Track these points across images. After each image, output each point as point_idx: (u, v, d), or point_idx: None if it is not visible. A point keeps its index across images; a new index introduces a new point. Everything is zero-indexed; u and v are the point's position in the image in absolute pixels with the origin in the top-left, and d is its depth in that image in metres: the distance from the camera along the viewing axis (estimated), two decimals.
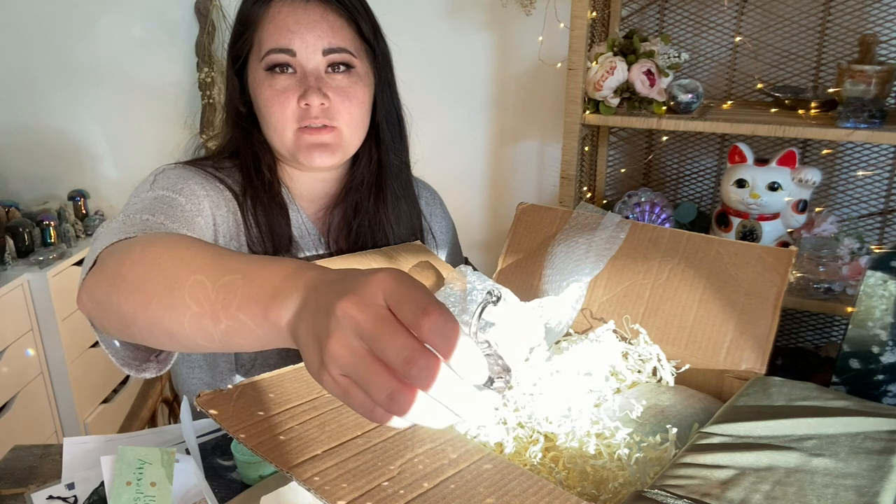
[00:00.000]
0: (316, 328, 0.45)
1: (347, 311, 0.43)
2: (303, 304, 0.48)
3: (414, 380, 0.41)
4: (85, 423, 2.16)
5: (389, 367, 0.42)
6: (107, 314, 0.66)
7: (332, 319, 0.43)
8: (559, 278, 0.89)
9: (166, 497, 0.72)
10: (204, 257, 0.58)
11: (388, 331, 0.42)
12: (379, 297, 0.43)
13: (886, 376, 0.79)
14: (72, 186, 2.33)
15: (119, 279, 0.63)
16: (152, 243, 0.64)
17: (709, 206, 1.92)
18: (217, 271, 0.55)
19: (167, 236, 0.66)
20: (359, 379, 0.43)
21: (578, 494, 0.63)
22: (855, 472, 0.58)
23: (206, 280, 0.55)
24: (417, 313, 0.41)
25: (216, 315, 0.53)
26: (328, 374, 0.44)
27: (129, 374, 0.78)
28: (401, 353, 0.41)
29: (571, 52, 1.57)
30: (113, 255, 0.67)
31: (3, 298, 1.88)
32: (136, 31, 2.20)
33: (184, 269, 0.58)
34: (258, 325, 0.51)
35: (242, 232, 0.97)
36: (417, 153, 1.10)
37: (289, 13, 0.92)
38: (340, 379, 0.44)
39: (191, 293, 0.56)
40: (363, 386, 0.43)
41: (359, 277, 0.45)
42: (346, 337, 0.43)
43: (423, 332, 0.41)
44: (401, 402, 0.42)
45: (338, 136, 0.95)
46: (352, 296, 0.43)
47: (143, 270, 0.61)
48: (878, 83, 1.45)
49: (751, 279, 0.84)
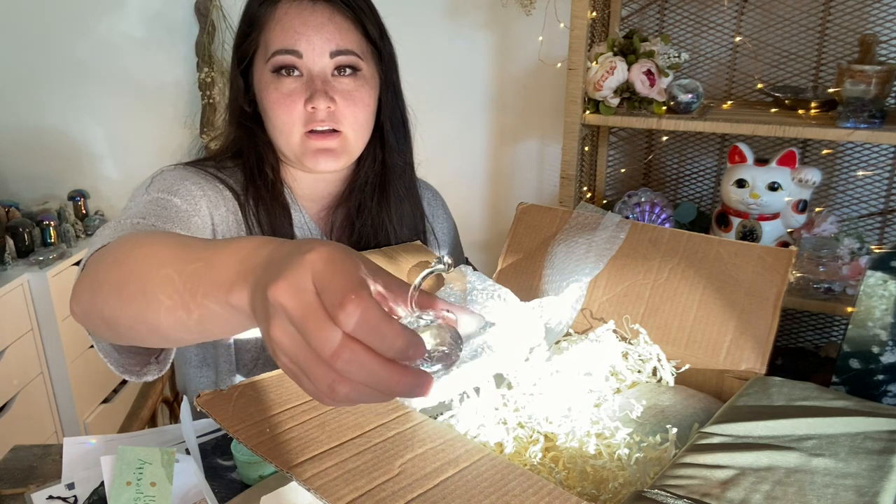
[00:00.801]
0: (263, 312, 0.44)
1: (277, 297, 0.41)
2: (255, 285, 0.46)
3: (343, 373, 0.40)
4: (85, 423, 2.16)
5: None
6: (93, 320, 0.66)
7: (268, 305, 0.42)
8: (559, 278, 0.89)
9: (166, 497, 0.72)
10: (170, 249, 0.57)
11: (313, 321, 0.40)
12: (307, 281, 0.41)
13: (886, 376, 0.79)
14: (72, 186, 2.33)
15: (97, 284, 0.63)
16: (124, 243, 0.64)
17: (709, 206, 1.92)
18: (182, 262, 0.54)
19: (139, 234, 0.65)
20: (300, 368, 0.42)
21: (578, 494, 0.63)
22: (855, 472, 0.58)
23: (173, 272, 0.54)
24: (334, 305, 0.39)
25: (187, 306, 0.53)
26: (279, 359, 0.43)
27: (130, 380, 0.78)
28: (325, 347, 0.39)
29: (571, 52, 1.57)
30: (93, 263, 0.67)
31: (3, 298, 1.88)
32: (136, 31, 2.20)
33: (152, 264, 0.57)
34: (224, 310, 0.50)
35: (243, 231, 0.97)
36: (419, 154, 1.10)
37: (296, 14, 0.92)
38: (290, 365, 0.43)
39: (161, 287, 0.55)
40: (306, 375, 0.42)
41: (292, 257, 0.43)
42: (283, 324, 0.42)
43: (341, 326, 0.39)
44: (341, 392, 0.40)
45: (343, 141, 0.95)
46: (282, 280, 0.41)
47: (117, 272, 0.61)
48: (878, 83, 1.45)
49: (751, 279, 0.84)
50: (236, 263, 0.49)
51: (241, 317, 0.49)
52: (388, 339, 0.40)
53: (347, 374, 0.40)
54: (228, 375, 0.98)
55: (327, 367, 0.40)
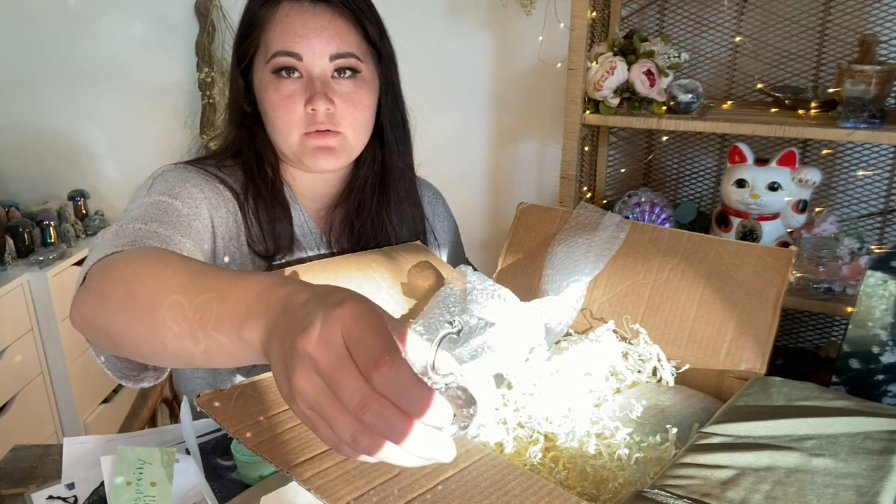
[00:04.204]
0: (284, 358, 0.45)
1: (306, 348, 0.42)
2: (273, 326, 0.47)
3: (370, 426, 0.41)
4: (85, 423, 2.16)
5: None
6: (95, 332, 0.66)
7: (294, 354, 0.43)
8: (559, 278, 0.89)
9: (166, 497, 0.72)
10: (181, 276, 0.58)
11: (343, 373, 0.41)
12: (337, 335, 0.42)
13: (886, 376, 0.79)
14: (72, 186, 2.33)
15: (103, 299, 0.64)
16: (131, 262, 0.64)
17: (709, 206, 1.92)
18: (193, 290, 0.55)
19: (147, 253, 0.66)
20: (323, 416, 0.43)
21: (578, 494, 0.63)
22: (855, 472, 0.58)
23: (183, 300, 0.55)
24: (368, 364, 0.41)
25: (195, 335, 0.54)
26: (297, 405, 0.44)
27: (127, 385, 0.79)
28: (354, 398, 0.41)
29: (571, 52, 1.57)
30: (98, 273, 0.67)
31: (3, 298, 1.88)
32: (136, 31, 2.20)
33: (162, 288, 0.58)
34: (234, 344, 0.51)
35: (243, 233, 0.97)
36: (418, 154, 1.10)
37: (296, 16, 0.92)
38: (308, 412, 0.44)
39: (170, 313, 0.56)
40: (328, 423, 0.43)
41: (321, 309, 0.44)
42: (308, 374, 0.42)
43: (375, 386, 0.40)
44: (363, 443, 0.41)
45: (342, 140, 0.95)
46: (310, 332, 0.42)
47: (124, 291, 0.62)
48: (878, 83, 1.45)
49: (751, 279, 0.84)
50: (251, 299, 0.50)
51: (250, 352, 0.50)
52: (417, 401, 0.41)
53: (373, 427, 0.41)
54: (228, 375, 0.98)
55: (352, 417, 0.41)
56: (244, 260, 0.97)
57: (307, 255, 1.03)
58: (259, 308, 0.49)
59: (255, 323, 0.49)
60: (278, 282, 0.51)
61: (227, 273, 0.56)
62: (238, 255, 0.96)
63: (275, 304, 0.48)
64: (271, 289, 0.50)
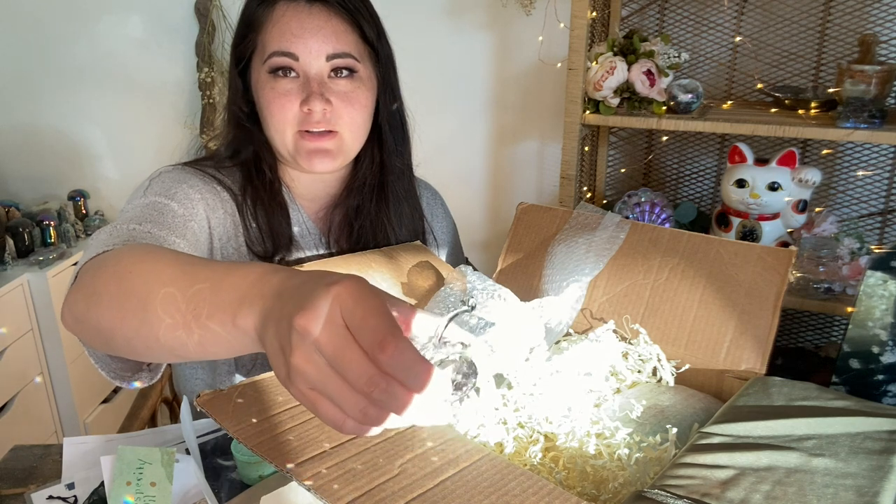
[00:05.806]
0: (280, 340, 0.45)
1: (306, 327, 0.43)
2: (268, 311, 0.47)
3: (377, 402, 0.42)
4: (85, 423, 2.16)
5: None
6: (87, 330, 0.66)
7: (293, 334, 0.43)
8: (559, 278, 0.89)
9: (166, 497, 0.72)
10: (173, 268, 0.58)
11: (347, 353, 0.42)
12: (336, 315, 0.43)
13: (886, 376, 0.79)
14: (72, 186, 2.33)
15: (95, 296, 0.64)
16: (123, 258, 0.64)
17: (709, 206, 1.92)
18: (186, 282, 0.55)
19: (139, 248, 0.66)
20: (328, 394, 0.43)
21: (578, 494, 0.63)
22: (855, 472, 0.58)
23: (175, 291, 0.55)
24: (374, 346, 0.42)
25: (188, 326, 0.54)
26: (295, 386, 0.44)
27: (121, 385, 0.78)
28: (361, 378, 0.42)
29: (571, 52, 1.57)
30: (89, 272, 0.67)
31: (3, 298, 1.88)
32: (136, 31, 2.20)
33: (154, 281, 0.58)
34: (228, 333, 0.51)
35: (241, 233, 0.97)
36: (418, 154, 1.10)
37: (293, 16, 0.92)
38: (308, 392, 0.44)
39: (162, 306, 0.56)
40: (334, 401, 0.43)
41: (317, 288, 0.44)
42: (309, 353, 0.43)
43: (381, 366, 0.42)
44: (372, 416, 0.43)
45: (339, 142, 0.95)
46: (309, 310, 0.43)
47: (116, 285, 0.62)
48: (878, 83, 1.45)
49: (751, 279, 0.84)
50: (245, 287, 0.50)
51: (244, 340, 0.50)
52: (420, 377, 0.42)
53: (380, 403, 0.43)
54: (228, 375, 0.98)
55: (360, 395, 0.43)
56: (242, 261, 0.97)
57: (306, 256, 1.03)
58: (253, 296, 0.49)
59: (250, 310, 0.49)
60: (272, 270, 0.51)
61: (219, 264, 0.56)
62: (236, 256, 0.96)
63: (269, 291, 0.48)
64: (265, 277, 0.50)
